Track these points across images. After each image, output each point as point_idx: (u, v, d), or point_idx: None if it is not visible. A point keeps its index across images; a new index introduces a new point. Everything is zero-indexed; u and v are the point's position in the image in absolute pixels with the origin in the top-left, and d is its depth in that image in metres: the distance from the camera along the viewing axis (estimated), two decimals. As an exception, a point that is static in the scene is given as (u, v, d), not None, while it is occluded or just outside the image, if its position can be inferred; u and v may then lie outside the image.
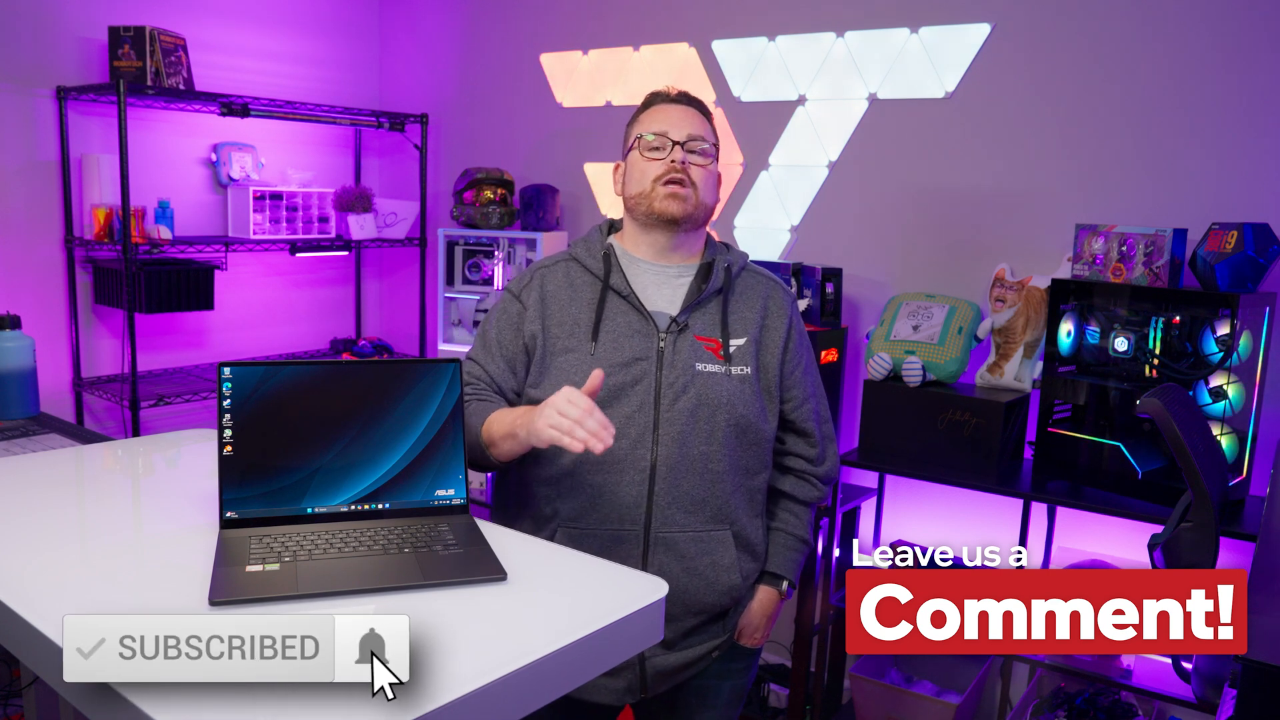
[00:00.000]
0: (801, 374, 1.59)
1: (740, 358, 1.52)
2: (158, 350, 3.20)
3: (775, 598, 1.60)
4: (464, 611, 1.03)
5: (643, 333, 1.50)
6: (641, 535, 1.46)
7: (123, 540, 1.22)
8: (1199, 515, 1.36)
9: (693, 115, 1.55)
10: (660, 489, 1.46)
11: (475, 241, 3.29)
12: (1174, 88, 2.27)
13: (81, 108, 2.92)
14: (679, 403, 1.47)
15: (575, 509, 1.47)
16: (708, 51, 2.99)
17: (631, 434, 1.46)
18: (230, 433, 1.21)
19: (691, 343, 1.50)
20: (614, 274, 1.53)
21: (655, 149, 1.52)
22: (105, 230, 2.84)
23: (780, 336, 1.56)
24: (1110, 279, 2.15)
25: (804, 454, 1.61)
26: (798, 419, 1.59)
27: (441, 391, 1.29)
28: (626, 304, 1.52)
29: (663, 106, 1.56)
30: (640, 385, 1.47)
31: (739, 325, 1.54)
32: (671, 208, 1.50)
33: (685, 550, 1.47)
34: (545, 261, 1.60)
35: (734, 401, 1.49)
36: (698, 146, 1.52)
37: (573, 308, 1.53)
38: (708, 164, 1.53)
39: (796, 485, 1.62)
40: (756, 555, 1.58)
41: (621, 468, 1.46)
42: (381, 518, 1.24)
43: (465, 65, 3.57)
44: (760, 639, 1.61)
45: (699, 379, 1.48)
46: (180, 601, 1.01)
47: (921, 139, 2.64)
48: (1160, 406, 1.36)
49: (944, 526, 2.65)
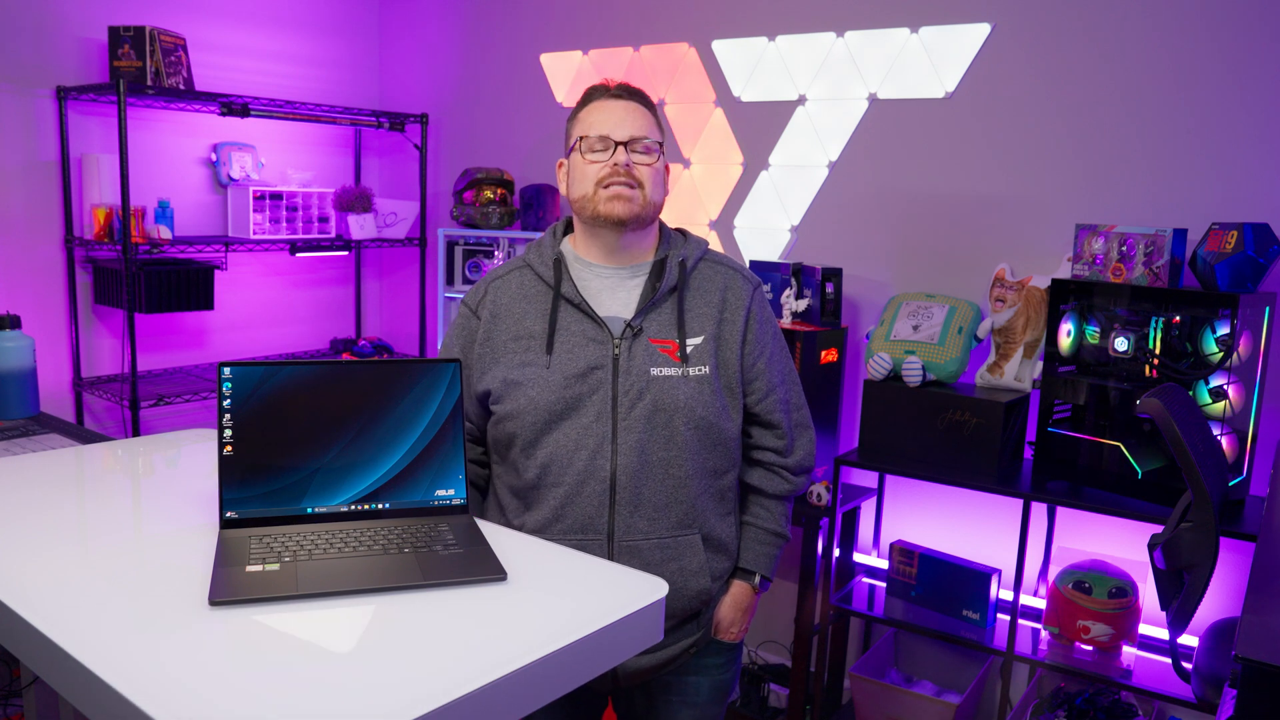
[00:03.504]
0: (765, 364, 1.55)
1: (698, 357, 1.49)
2: (158, 350, 3.20)
3: (748, 592, 1.59)
4: (464, 611, 1.03)
5: (597, 340, 1.47)
6: (605, 544, 1.45)
7: (123, 540, 1.22)
8: (1199, 515, 1.36)
9: (635, 111, 1.50)
10: (622, 498, 1.45)
11: (475, 241, 3.29)
12: (1174, 87, 2.27)
13: (81, 107, 2.92)
14: (635, 409, 1.45)
15: (540, 520, 1.47)
16: (708, 51, 2.99)
17: (590, 444, 1.45)
18: (230, 433, 1.21)
19: (646, 347, 1.47)
20: (565, 281, 1.51)
21: (597, 150, 1.49)
22: (105, 230, 2.84)
23: (738, 329, 1.53)
24: (1110, 279, 2.15)
25: (771, 446, 1.59)
26: (762, 411, 1.56)
27: (441, 391, 1.29)
28: (579, 312, 1.49)
29: (603, 103, 1.51)
30: (597, 395, 1.45)
31: (695, 323, 1.51)
32: (616, 209, 1.47)
33: (651, 557, 1.46)
34: (499, 271, 1.59)
35: (692, 404, 1.46)
36: (641, 145, 1.48)
37: (526, 320, 1.51)
38: (652, 161, 1.49)
39: (765, 478, 1.60)
40: (730, 553, 1.57)
41: (582, 479, 1.45)
42: (381, 518, 1.24)
43: (465, 65, 3.57)
44: (737, 634, 1.60)
45: (654, 384, 1.45)
46: (181, 601, 1.01)
47: (921, 139, 2.64)
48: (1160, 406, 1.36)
49: (944, 526, 2.65)
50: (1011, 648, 2.25)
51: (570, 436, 1.45)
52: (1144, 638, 2.26)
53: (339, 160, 3.70)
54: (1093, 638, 2.21)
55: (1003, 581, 2.43)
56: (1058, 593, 2.26)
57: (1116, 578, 2.22)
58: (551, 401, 1.45)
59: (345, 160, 3.72)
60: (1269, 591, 1.01)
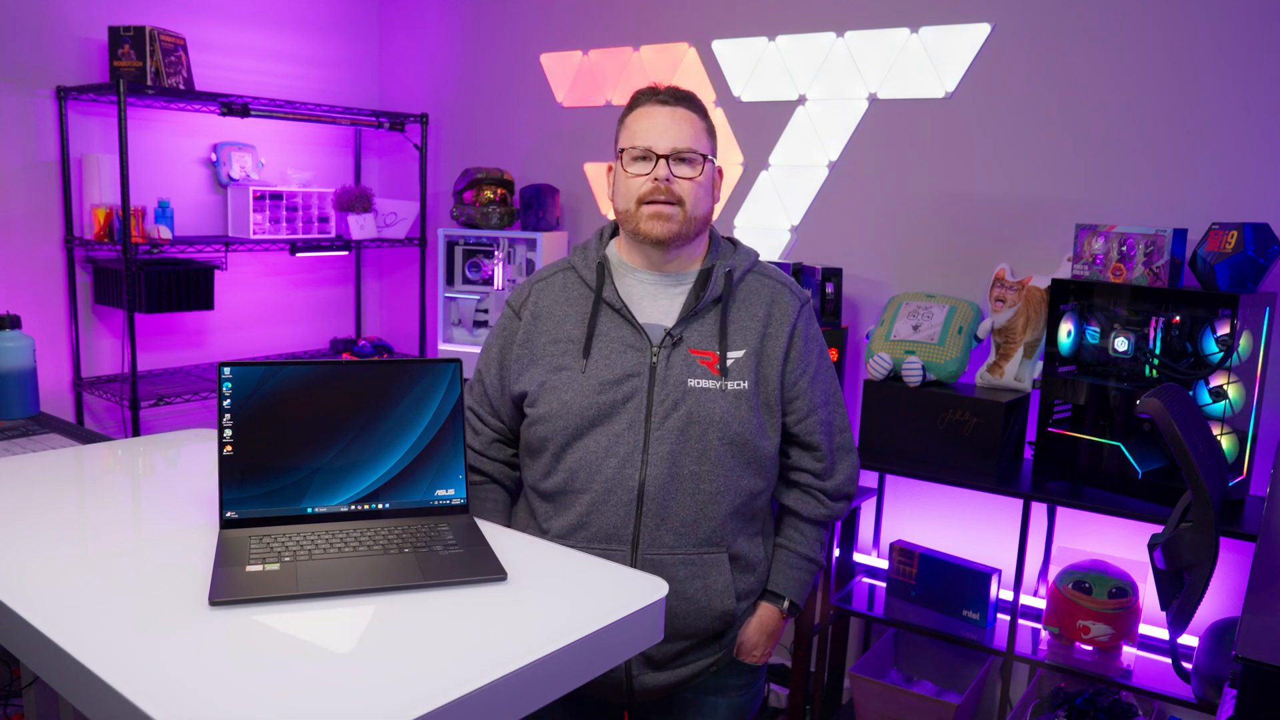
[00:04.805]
0: (808, 384, 1.52)
1: (738, 371, 1.46)
2: (158, 350, 3.20)
3: (775, 616, 1.56)
4: (464, 611, 1.03)
5: (635, 347, 1.46)
6: (629, 556, 1.44)
7: (123, 540, 1.22)
8: (1199, 515, 1.36)
9: (681, 119, 1.45)
10: (649, 509, 1.43)
11: (475, 241, 3.29)
12: (1175, 87, 2.27)
13: (81, 107, 2.92)
14: (669, 420, 1.43)
15: (565, 526, 1.47)
16: (708, 51, 2.99)
17: (620, 453, 1.43)
18: (230, 433, 1.21)
19: (685, 357, 1.45)
20: (607, 286, 1.49)
21: (640, 160, 1.45)
22: (105, 230, 2.84)
23: (781, 345, 1.49)
24: (1110, 279, 2.15)
25: (809, 468, 1.55)
26: (801, 431, 1.53)
27: (441, 391, 1.29)
28: (619, 317, 1.48)
29: (649, 109, 1.47)
30: (631, 403, 1.44)
31: (739, 336, 1.48)
32: (656, 229, 1.44)
33: (675, 573, 1.44)
34: (543, 273, 1.58)
35: (728, 419, 1.44)
36: (686, 156, 1.44)
37: (567, 324, 1.50)
38: (695, 175, 1.45)
39: (801, 501, 1.57)
40: (758, 575, 1.54)
41: (609, 487, 1.43)
42: (381, 518, 1.24)
43: (465, 65, 3.57)
44: (760, 657, 1.57)
45: (691, 395, 1.43)
46: (181, 602, 1.01)
47: (922, 139, 2.64)
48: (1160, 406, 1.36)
49: (944, 526, 2.65)
50: (1011, 648, 2.25)
51: (601, 444, 1.44)
52: (1144, 638, 2.26)
53: (339, 160, 3.70)
54: (1093, 638, 2.21)
55: (1003, 581, 2.43)
56: (1058, 593, 2.26)
57: (1116, 578, 2.22)
58: (584, 407, 1.44)
59: (345, 160, 3.72)
60: (1269, 591, 1.01)
